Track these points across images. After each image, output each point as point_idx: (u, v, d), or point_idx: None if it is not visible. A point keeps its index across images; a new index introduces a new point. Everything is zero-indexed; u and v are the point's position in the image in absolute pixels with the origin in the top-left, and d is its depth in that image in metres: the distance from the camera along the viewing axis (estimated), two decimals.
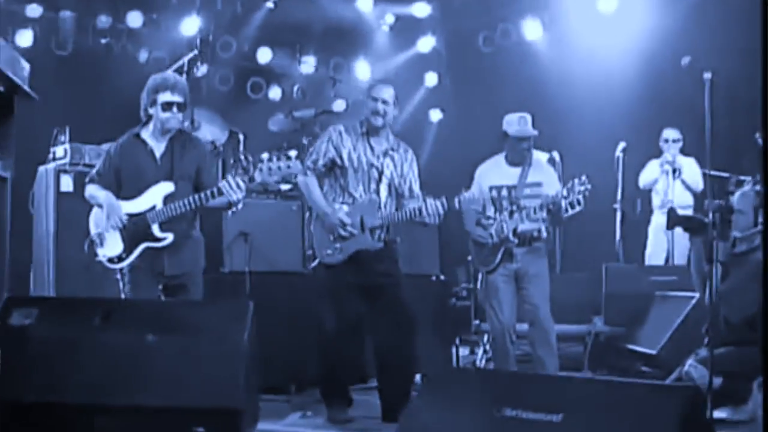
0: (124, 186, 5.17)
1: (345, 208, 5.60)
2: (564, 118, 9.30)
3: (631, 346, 7.23)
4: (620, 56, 9.09)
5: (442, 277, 7.25)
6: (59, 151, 6.40)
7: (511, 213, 6.25)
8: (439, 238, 7.36)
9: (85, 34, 9.59)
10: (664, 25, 8.87)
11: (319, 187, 5.69)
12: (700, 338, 5.87)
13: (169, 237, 5.08)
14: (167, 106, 5.14)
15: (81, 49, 9.48)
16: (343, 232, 5.53)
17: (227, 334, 4.25)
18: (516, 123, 6.35)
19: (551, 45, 10.10)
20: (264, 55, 10.63)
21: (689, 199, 8.36)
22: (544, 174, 6.46)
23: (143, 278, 5.09)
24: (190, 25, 9.83)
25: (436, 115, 11.34)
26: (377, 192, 5.67)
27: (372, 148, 5.71)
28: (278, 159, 4.94)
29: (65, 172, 6.31)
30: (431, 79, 11.12)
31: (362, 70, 10.94)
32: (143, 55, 9.86)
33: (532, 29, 10.15)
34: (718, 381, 5.21)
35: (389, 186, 5.73)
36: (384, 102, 5.67)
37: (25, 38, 9.08)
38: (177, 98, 5.16)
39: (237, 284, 6.16)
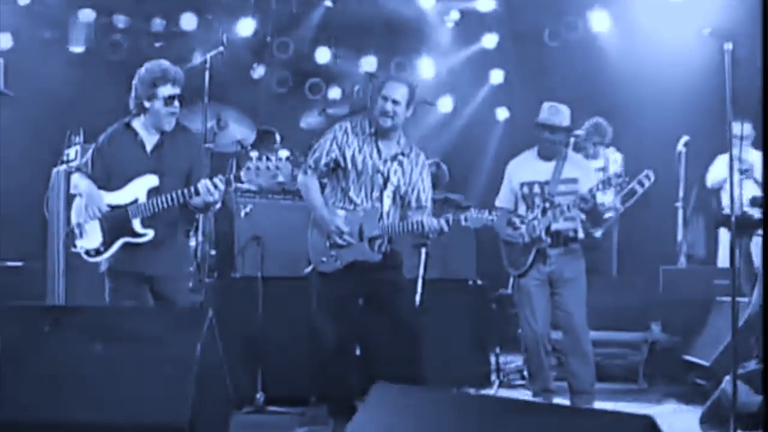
0: (112, 177, 4.96)
1: (341, 213, 5.22)
2: (632, 112, 8.82)
3: (687, 357, 6.68)
4: (690, 46, 8.50)
5: (479, 282, 6.82)
6: (72, 152, 6.29)
7: (544, 210, 5.84)
8: (476, 239, 6.96)
9: (139, 37, 9.54)
10: (736, 15, 8.24)
11: (321, 188, 5.34)
12: (748, 349, 5.32)
13: (149, 234, 4.85)
14: (170, 100, 4.92)
15: (134, 52, 9.43)
16: (339, 240, 5.16)
17: (177, 345, 3.92)
18: (546, 111, 5.94)
19: (619, 36, 9.59)
20: (323, 55, 10.39)
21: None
22: (581, 169, 6.01)
23: (123, 279, 4.87)
24: (246, 27, 9.72)
25: (502, 113, 10.89)
26: (380, 200, 5.26)
27: (379, 152, 5.30)
28: (267, 159, 4.63)
29: None
30: (497, 76, 10.69)
31: (426, 68, 10.60)
32: (197, 58, 9.74)
33: (599, 21, 9.67)
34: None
35: (394, 194, 5.31)
36: (394, 102, 5.22)
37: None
38: (177, 91, 4.94)
39: (249, 290, 5.86)
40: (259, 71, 10.19)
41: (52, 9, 9.00)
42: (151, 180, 4.86)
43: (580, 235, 5.99)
